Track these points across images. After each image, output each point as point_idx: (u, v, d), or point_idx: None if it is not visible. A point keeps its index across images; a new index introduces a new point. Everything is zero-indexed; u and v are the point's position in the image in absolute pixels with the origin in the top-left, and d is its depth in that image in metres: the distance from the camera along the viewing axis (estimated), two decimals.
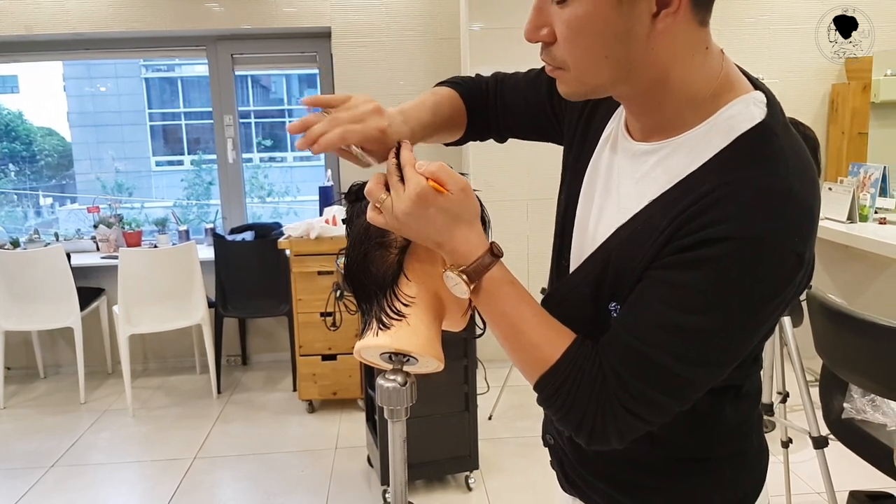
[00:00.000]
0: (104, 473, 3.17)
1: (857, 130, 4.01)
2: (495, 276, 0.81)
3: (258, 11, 4.12)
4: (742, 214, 0.71)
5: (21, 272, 3.79)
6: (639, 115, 0.83)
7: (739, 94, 0.79)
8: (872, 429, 2.01)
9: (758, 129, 0.76)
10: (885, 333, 1.75)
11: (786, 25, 4.10)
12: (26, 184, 7.43)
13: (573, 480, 1.01)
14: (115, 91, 10.40)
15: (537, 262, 3.87)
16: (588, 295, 0.86)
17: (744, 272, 0.71)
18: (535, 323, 0.81)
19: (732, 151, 0.76)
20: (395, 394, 0.86)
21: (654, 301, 0.75)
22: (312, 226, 3.53)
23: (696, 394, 0.78)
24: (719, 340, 0.74)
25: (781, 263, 0.71)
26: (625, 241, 0.82)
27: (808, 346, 2.16)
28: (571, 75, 0.77)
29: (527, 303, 0.82)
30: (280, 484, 3.00)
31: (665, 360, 0.74)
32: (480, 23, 3.81)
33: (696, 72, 0.77)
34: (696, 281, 0.72)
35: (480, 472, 2.95)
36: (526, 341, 0.81)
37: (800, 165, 0.75)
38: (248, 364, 4.48)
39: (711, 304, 0.72)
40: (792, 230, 0.71)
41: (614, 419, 0.77)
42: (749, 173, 0.73)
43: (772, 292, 0.73)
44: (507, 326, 0.82)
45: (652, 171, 0.82)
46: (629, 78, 0.76)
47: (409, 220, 0.79)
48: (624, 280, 0.81)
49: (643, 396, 0.76)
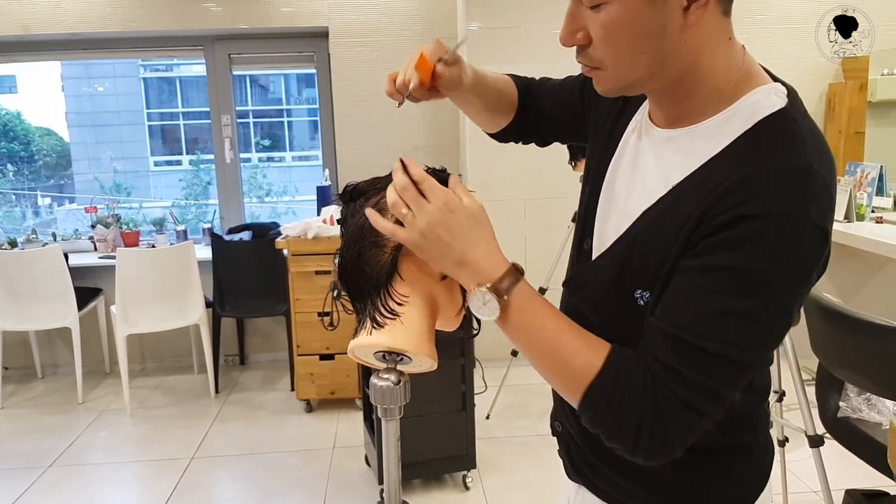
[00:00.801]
0: (102, 473, 3.17)
1: (853, 130, 4.02)
2: (526, 291, 0.81)
3: (256, 11, 4.12)
4: (770, 192, 0.72)
5: (19, 272, 3.79)
6: (665, 105, 0.85)
7: (761, 84, 0.81)
8: (868, 427, 2.01)
9: (778, 115, 0.78)
10: (881, 332, 1.76)
11: (783, 25, 4.10)
12: (24, 184, 7.42)
13: (580, 468, 1.01)
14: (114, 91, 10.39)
15: (534, 261, 3.86)
16: (612, 279, 0.86)
17: (779, 248, 0.72)
18: (572, 334, 0.80)
19: (754, 134, 0.78)
20: (388, 393, 0.86)
21: (697, 290, 0.75)
22: (310, 225, 3.53)
23: (748, 378, 0.78)
24: (767, 320, 0.74)
25: (812, 240, 0.73)
26: (650, 225, 0.83)
27: (805, 345, 2.17)
28: (609, 74, 0.80)
29: (559, 317, 0.81)
30: (278, 483, 3.00)
31: (721, 348, 0.74)
32: (478, 22, 3.81)
33: (722, 61, 0.80)
34: (736, 261, 0.73)
35: (478, 471, 2.95)
36: (567, 352, 0.79)
37: (819, 148, 0.77)
38: (246, 364, 4.49)
39: (755, 283, 0.73)
40: (817, 206, 0.73)
41: (675, 419, 0.75)
42: (772, 153, 0.75)
43: (805, 269, 0.74)
44: (544, 342, 0.80)
45: (675, 156, 0.83)
46: (663, 71, 0.79)
47: (436, 230, 0.79)
48: (650, 265, 0.81)
49: (704, 389, 0.75)
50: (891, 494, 2.11)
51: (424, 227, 0.79)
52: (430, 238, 0.79)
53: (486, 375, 3.55)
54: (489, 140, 1.23)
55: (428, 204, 0.79)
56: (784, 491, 2.61)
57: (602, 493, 0.99)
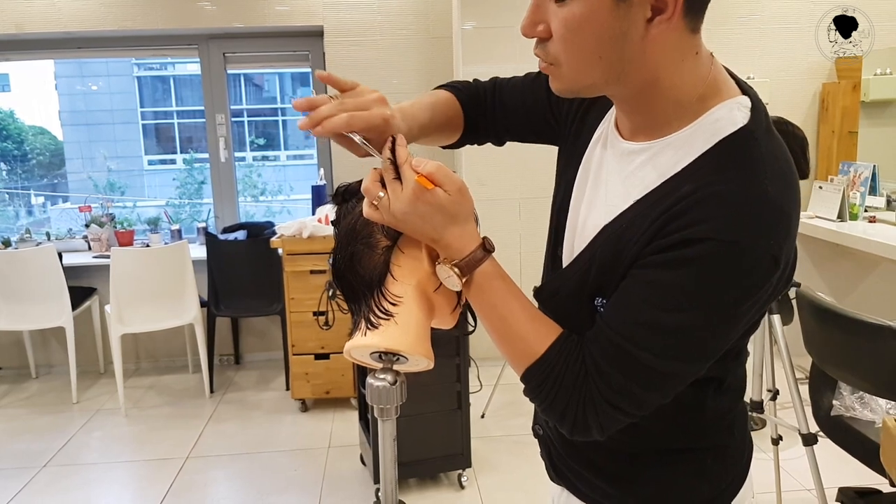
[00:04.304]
0: (96, 473, 3.16)
1: (847, 129, 4.04)
2: (486, 270, 0.84)
3: (250, 10, 4.11)
4: (721, 217, 0.73)
5: (12, 272, 3.78)
6: (628, 114, 0.86)
7: (725, 98, 0.81)
8: (861, 426, 2.03)
9: (739, 134, 0.78)
10: (874, 331, 1.77)
11: (777, 24, 4.11)
12: (18, 183, 7.39)
13: (560, 470, 1.04)
14: (107, 90, 10.35)
15: (530, 260, 3.88)
16: (575, 290, 0.89)
17: (721, 273, 0.74)
18: (524, 317, 0.84)
19: (713, 155, 0.78)
20: (384, 393, 0.87)
21: (636, 299, 0.78)
22: (305, 225, 3.53)
23: (676, 388, 0.81)
24: (698, 337, 0.77)
25: (758, 265, 0.74)
26: (610, 238, 0.85)
27: (798, 344, 2.18)
28: (564, 72, 0.80)
29: (516, 297, 0.85)
30: (273, 483, 3.00)
31: (646, 356, 0.77)
32: (473, 21, 3.82)
33: (686, 76, 0.79)
34: (676, 280, 0.75)
35: (473, 470, 2.96)
36: (514, 334, 0.84)
37: (779, 170, 0.77)
38: (241, 363, 4.48)
39: (691, 302, 0.75)
40: (768, 234, 0.74)
41: (595, 412, 0.80)
42: (728, 177, 0.76)
43: (748, 293, 0.75)
44: (496, 319, 0.85)
45: (638, 171, 0.84)
46: (620, 79, 0.78)
47: (406, 217, 0.81)
48: (608, 277, 0.83)
49: (624, 390, 0.79)
50: (883, 492, 2.13)
51: (398, 213, 0.81)
52: (403, 221, 0.81)
53: (482, 374, 3.55)
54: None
55: (402, 192, 0.80)
56: (777, 489, 2.62)
57: (583, 496, 1.01)
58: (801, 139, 2.63)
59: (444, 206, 0.81)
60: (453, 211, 0.82)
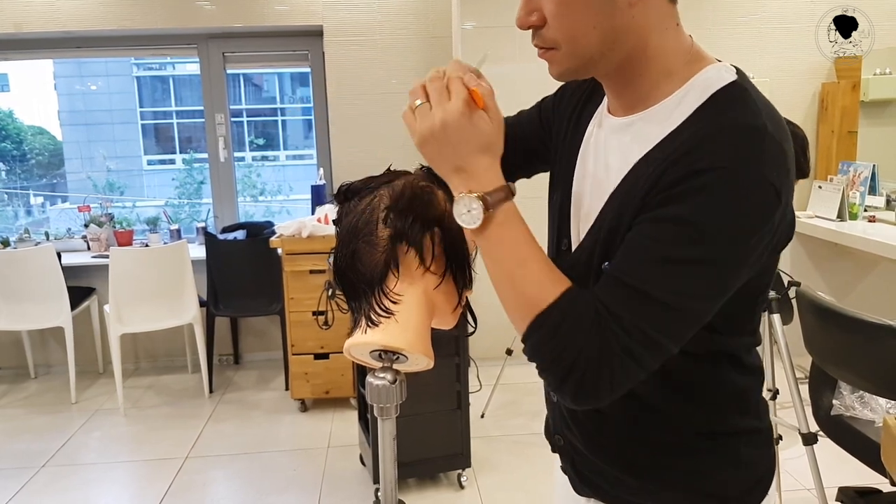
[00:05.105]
0: (95, 473, 3.16)
1: (846, 129, 4.04)
2: (511, 208, 0.81)
3: (249, 10, 4.11)
4: (722, 147, 0.75)
5: (11, 271, 3.77)
6: (620, 91, 0.87)
7: (711, 63, 0.85)
8: (861, 425, 2.02)
9: (731, 86, 0.81)
10: (874, 330, 1.76)
11: (777, 24, 4.11)
12: (17, 183, 7.39)
13: (588, 479, 1.00)
14: (107, 89, 10.35)
15: None
16: (584, 264, 0.87)
17: (728, 200, 0.74)
18: (539, 261, 0.81)
19: (709, 105, 0.80)
20: (384, 391, 0.86)
21: (645, 240, 0.77)
22: (304, 224, 3.52)
23: (689, 331, 0.79)
24: (711, 271, 0.76)
25: (761, 194, 0.74)
26: (615, 203, 0.85)
27: (798, 344, 2.17)
28: (563, 52, 0.82)
29: (532, 243, 0.82)
30: (272, 483, 2.99)
31: (662, 294, 0.75)
32: (472, 21, 3.81)
33: (671, 42, 0.83)
34: (682, 212, 0.74)
35: (473, 470, 2.96)
36: (528, 277, 0.80)
37: (772, 114, 0.80)
38: (240, 363, 4.48)
39: (700, 233, 0.74)
40: (770, 163, 0.75)
41: (610, 364, 0.76)
42: (726, 116, 0.78)
43: (754, 223, 0.75)
44: (513, 260, 0.81)
45: (635, 140, 0.85)
46: (614, 48, 0.81)
47: (444, 130, 0.79)
48: (615, 239, 0.83)
49: (641, 334, 0.75)
50: (884, 492, 2.12)
51: (437, 123, 0.79)
52: (437, 136, 0.79)
53: (481, 374, 3.55)
54: None
55: (449, 103, 0.79)
56: (778, 488, 2.62)
57: (615, 499, 0.98)
58: (801, 139, 2.62)
59: (484, 132, 0.80)
60: (490, 139, 0.81)
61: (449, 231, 0.87)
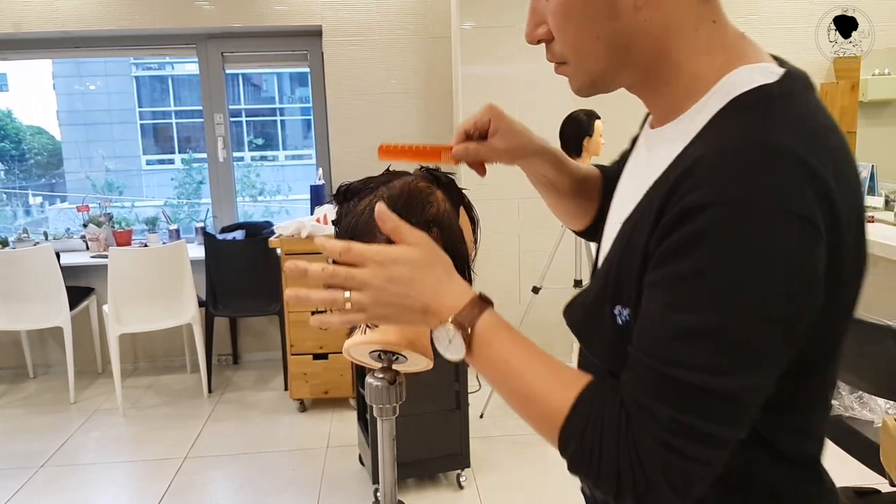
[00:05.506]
0: (94, 473, 3.15)
1: (845, 129, 4.04)
2: (491, 321, 0.73)
3: (248, 10, 4.10)
4: (720, 175, 0.61)
5: (10, 271, 3.77)
6: (652, 102, 0.78)
7: (753, 62, 0.72)
8: (860, 426, 2.02)
9: (756, 91, 0.68)
10: (873, 331, 1.76)
11: (776, 25, 4.12)
12: (15, 183, 7.38)
13: None
14: (105, 89, 10.35)
15: (529, 261, 3.88)
16: (597, 299, 0.76)
17: (737, 243, 0.60)
18: (544, 370, 0.71)
19: (720, 116, 0.68)
20: (384, 392, 0.86)
21: (659, 308, 0.64)
22: (304, 224, 3.52)
23: (745, 410, 0.63)
24: (740, 335, 0.61)
25: (780, 228, 0.59)
26: (623, 235, 0.74)
27: None
28: (573, 68, 0.75)
29: (528, 348, 0.73)
30: (271, 483, 2.99)
31: (691, 375, 0.61)
32: (472, 21, 3.81)
33: (701, 44, 0.71)
34: (690, 267, 0.61)
35: (472, 470, 2.96)
36: (536, 392, 0.70)
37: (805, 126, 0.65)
38: (239, 363, 4.47)
39: (716, 290, 0.61)
40: (784, 187, 0.60)
41: (655, 466, 0.63)
42: (732, 132, 0.65)
43: (783, 266, 0.60)
44: (513, 378, 0.72)
45: (657, 157, 0.74)
46: (628, 58, 0.73)
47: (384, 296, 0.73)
48: (624, 278, 0.71)
49: (682, 428, 0.62)
50: (883, 492, 2.12)
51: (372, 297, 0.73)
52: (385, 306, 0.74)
53: (480, 374, 3.55)
54: None
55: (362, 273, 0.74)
56: None
57: None
58: None
59: (418, 260, 0.74)
60: (430, 261, 0.75)
61: (448, 231, 0.86)
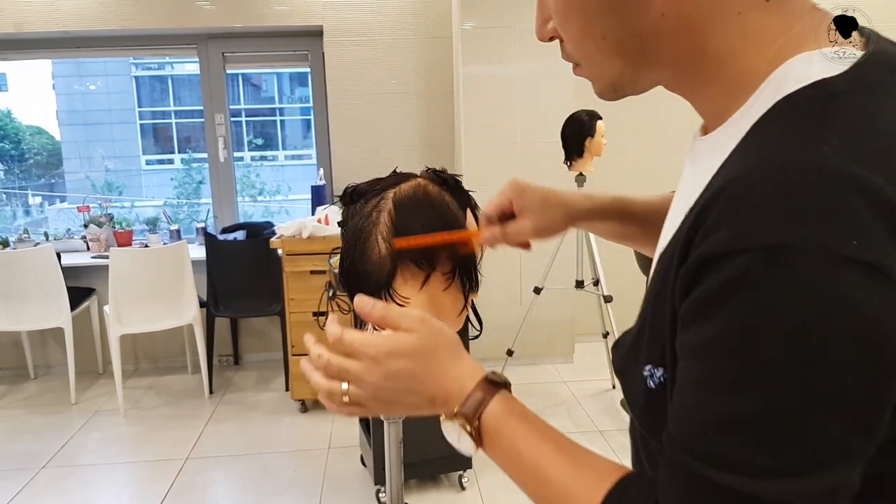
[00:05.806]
0: (95, 474, 3.15)
1: None
2: (497, 410, 0.65)
3: (249, 10, 4.10)
4: (750, 209, 0.47)
5: (10, 272, 3.77)
6: (697, 105, 0.63)
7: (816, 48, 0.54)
8: None
9: (808, 89, 0.51)
10: None
11: None
12: (15, 183, 7.39)
13: None
14: (105, 89, 10.35)
15: (530, 262, 3.87)
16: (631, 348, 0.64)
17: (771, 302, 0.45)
18: (564, 464, 0.60)
19: (764, 123, 0.53)
20: None
21: (692, 387, 0.50)
22: (305, 225, 3.52)
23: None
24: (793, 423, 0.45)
25: (834, 280, 0.44)
26: (659, 274, 0.60)
27: None
28: (587, 69, 0.64)
29: (546, 437, 0.63)
30: (273, 484, 2.99)
31: (730, 479, 0.47)
32: (472, 21, 3.81)
33: (750, 31, 0.56)
34: (715, 335, 0.47)
35: (474, 471, 2.96)
36: (556, 488, 0.60)
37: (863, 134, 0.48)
38: (240, 364, 4.47)
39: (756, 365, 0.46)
40: (832, 224, 0.44)
41: None
42: (770, 147, 0.50)
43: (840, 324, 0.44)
44: (527, 472, 0.62)
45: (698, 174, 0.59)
46: (649, 58, 0.60)
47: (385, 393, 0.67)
48: (657, 331, 0.57)
49: None
50: None
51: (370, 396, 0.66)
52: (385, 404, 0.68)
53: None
54: (484, 139, 1.22)
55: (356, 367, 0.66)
56: None
57: None
58: None
59: (418, 349, 0.66)
60: (430, 348, 0.67)
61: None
